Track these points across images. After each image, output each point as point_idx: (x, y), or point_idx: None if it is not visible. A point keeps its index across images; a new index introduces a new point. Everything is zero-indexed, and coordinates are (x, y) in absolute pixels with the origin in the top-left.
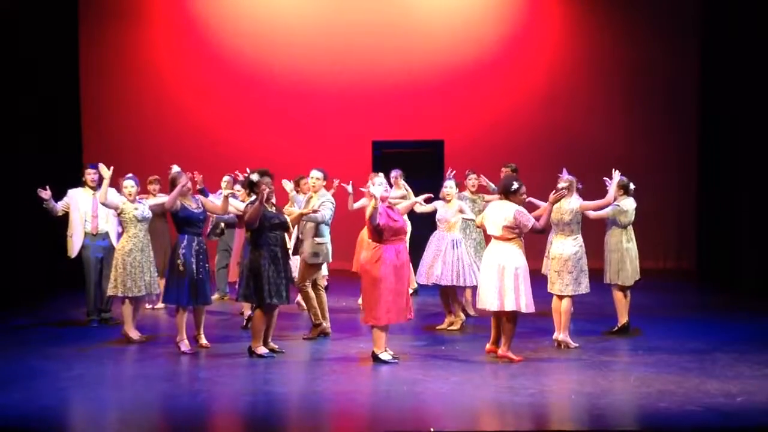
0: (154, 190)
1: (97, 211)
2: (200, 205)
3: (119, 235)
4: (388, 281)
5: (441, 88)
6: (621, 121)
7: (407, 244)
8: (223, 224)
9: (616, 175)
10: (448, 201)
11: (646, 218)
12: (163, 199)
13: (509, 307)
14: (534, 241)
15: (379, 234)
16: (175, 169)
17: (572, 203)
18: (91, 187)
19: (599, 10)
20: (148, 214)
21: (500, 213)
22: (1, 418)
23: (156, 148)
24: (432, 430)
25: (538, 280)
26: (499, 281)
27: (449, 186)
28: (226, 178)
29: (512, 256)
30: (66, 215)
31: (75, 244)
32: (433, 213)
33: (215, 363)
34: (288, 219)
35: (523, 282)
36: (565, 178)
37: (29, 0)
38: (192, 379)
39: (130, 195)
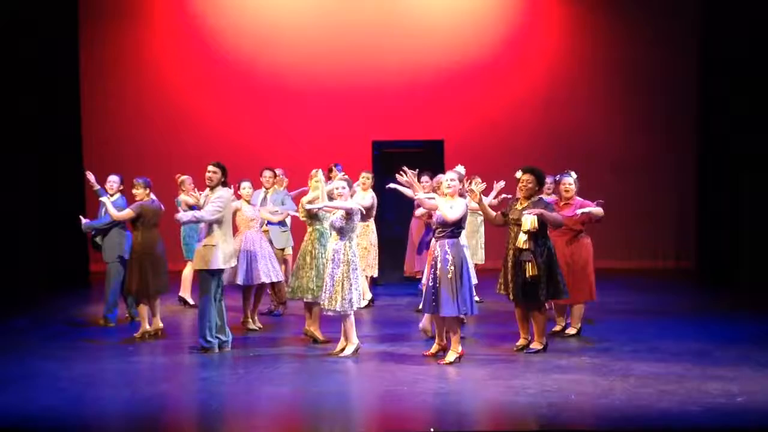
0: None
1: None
2: None
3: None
4: None
5: (441, 88)
6: (621, 121)
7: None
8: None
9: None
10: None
11: (645, 218)
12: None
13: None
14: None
15: None
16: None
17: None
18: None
19: (599, 10)
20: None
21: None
22: (1, 418)
23: (156, 147)
24: (432, 430)
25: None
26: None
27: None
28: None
29: None
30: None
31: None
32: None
33: (215, 363)
34: None
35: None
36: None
37: (29, 0)
38: (192, 379)
39: (340, 196)
